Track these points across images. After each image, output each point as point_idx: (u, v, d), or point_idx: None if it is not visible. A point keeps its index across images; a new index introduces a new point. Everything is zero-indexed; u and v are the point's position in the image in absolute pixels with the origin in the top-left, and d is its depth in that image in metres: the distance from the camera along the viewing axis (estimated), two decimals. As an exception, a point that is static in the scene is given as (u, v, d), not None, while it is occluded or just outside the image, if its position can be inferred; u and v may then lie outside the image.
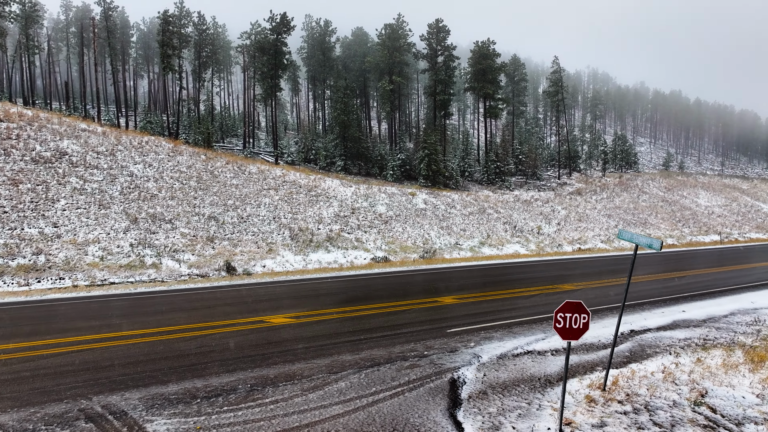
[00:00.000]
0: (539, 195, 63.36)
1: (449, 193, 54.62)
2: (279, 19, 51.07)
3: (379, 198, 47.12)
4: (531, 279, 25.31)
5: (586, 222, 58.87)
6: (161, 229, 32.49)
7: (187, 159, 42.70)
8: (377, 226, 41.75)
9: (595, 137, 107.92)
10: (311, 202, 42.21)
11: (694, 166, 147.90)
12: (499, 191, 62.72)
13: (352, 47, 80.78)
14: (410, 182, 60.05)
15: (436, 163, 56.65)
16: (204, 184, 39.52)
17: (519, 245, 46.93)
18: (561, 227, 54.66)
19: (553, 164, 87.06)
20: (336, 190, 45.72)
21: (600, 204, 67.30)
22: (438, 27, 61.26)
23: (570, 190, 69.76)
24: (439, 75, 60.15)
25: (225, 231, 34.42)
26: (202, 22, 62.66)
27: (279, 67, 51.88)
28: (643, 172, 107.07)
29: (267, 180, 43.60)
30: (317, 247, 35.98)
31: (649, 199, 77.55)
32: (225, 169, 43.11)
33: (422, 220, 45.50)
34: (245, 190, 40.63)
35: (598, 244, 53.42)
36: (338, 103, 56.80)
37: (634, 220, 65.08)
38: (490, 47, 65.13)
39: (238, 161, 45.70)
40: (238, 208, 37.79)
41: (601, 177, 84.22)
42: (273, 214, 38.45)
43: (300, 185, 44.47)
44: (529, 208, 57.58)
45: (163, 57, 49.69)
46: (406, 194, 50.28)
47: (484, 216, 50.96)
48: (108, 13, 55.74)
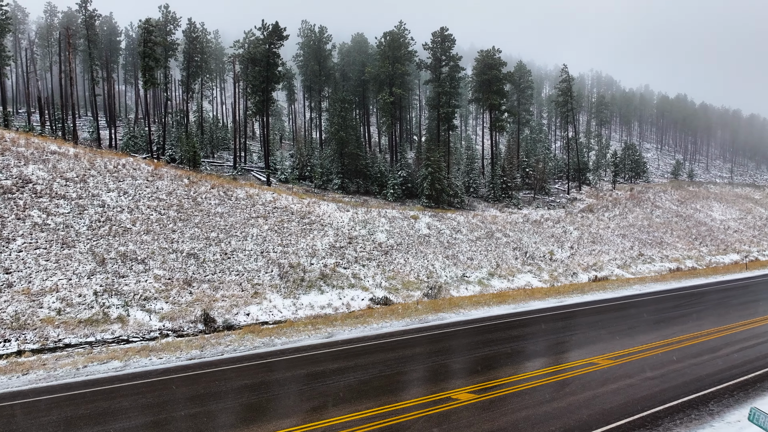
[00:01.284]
0: (549, 214, 59.60)
1: (454, 214, 50.87)
2: (271, 28, 47.27)
3: (379, 223, 43.37)
4: (548, 348, 21.51)
5: (600, 244, 55.14)
6: (132, 271, 28.73)
7: (167, 184, 38.93)
8: (377, 258, 38.00)
9: (603, 146, 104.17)
10: (304, 231, 38.44)
11: (702, 173, 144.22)
12: (506, 210, 58.96)
13: (351, 54, 77.02)
14: (412, 201, 56.30)
15: (440, 182, 52.90)
16: (185, 214, 35.74)
17: (531, 275, 43.23)
18: (574, 251, 50.91)
19: (560, 176, 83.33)
20: (332, 216, 41.97)
21: (613, 222, 63.56)
22: (443, 36, 57.49)
23: (581, 207, 66.00)
24: (443, 86, 56.37)
25: (205, 271, 30.66)
26: (193, 29, 58.82)
27: (271, 79, 48.08)
28: (653, 183, 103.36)
29: (256, 206, 39.83)
30: (309, 287, 32.23)
31: (663, 215, 73.84)
32: (209, 194, 39.34)
33: (426, 249, 41.75)
34: (231, 220, 36.86)
35: (615, 270, 49.71)
36: (335, 117, 53.03)
37: (650, 240, 61.35)
38: (496, 56, 61.37)
39: (225, 184, 41.94)
40: (222, 241, 34.02)
41: (612, 190, 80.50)
42: (261, 248, 34.69)
43: (292, 212, 40.71)
44: (539, 229, 53.83)
45: (144, 69, 45.82)
46: (407, 218, 46.53)
47: (492, 241, 47.22)
48: (90, 21, 51.89)
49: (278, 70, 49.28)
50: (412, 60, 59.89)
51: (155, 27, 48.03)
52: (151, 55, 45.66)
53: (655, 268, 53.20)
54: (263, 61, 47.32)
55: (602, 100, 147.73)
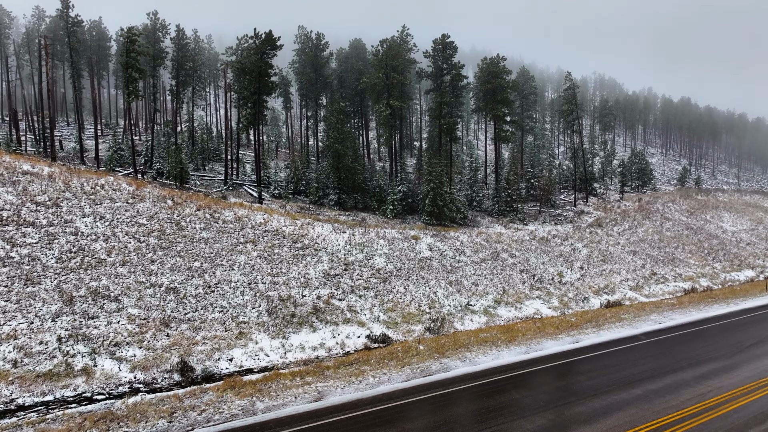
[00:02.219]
0: (557, 230, 56.83)
1: (457, 233, 48.10)
2: (264, 37, 44.50)
3: (377, 246, 40.61)
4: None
5: (611, 263, 52.37)
6: (103, 311, 25.97)
7: (149, 207, 36.17)
8: (374, 287, 35.23)
9: (608, 153, 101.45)
10: (296, 258, 35.67)
11: (709, 179, 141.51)
12: (511, 225, 56.20)
13: (349, 60, 74.29)
14: (413, 217, 53.55)
15: (442, 198, 50.14)
16: (167, 241, 32.98)
17: (540, 301, 40.46)
18: (584, 272, 48.15)
19: (566, 186, 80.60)
20: (327, 239, 39.20)
21: (623, 237, 60.78)
22: (444, 43, 54.71)
23: (589, 221, 63.24)
24: (444, 97, 53.58)
25: (186, 308, 27.89)
26: (182, 36, 56.00)
27: (263, 90, 45.32)
28: (660, 191, 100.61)
29: (245, 230, 37.06)
30: (300, 324, 29.46)
31: (673, 227, 71.07)
32: (194, 217, 36.57)
33: (428, 274, 38.98)
34: (217, 246, 34.10)
35: (627, 292, 46.94)
36: (332, 129, 50.28)
37: (662, 256, 58.58)
38: (500, 64, 58.57)
39: (212, 205, 39.18)
40: (206, 272, 31.26)
41: (620, 201, 77.76)
42: (248, 278, 31.93)
43: (284, 235, 37.94)
44: (546, 247, 51.07)
45: (127, 81, 42.98)
46: (408, 238, 43.77)
47: (497, 263, 44.45)
48: (72, 28, 48.93)
49: (271, 80, 46.48)
50: (412, 69, 57.16)
51: (139, 35, 45.24)
52: (134, 66, 42.83)
53: (668, 288, 50.43)
54: (255, 71, 44.57)
55: (606, 104, 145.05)
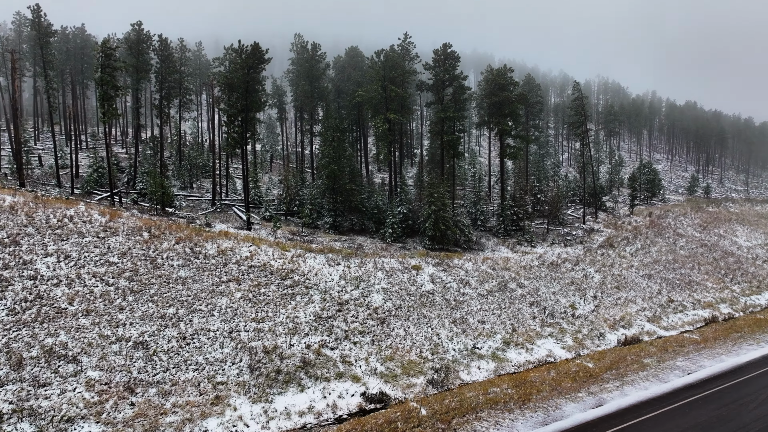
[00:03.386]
0: (567, 252, 53.42)
1: (461, 260, 44.71)
2: (249, 50, 41.10)
3: (375, 280, 37.20)
4: None
5: (625, 289, 48.98)
6: (58, 375, 22.59)
7: (122, 241, 32.77)
8: (371, 330, 31.84)
9: (616, 163, 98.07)
10: (285, 298, 32.27)
11: (717, 186, 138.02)
12: (519, 248, 52.79)
13: (345, 70, 70.91)
14: (413, 240, 50.15)
15: (445, 221, 46.76)
16: (139, 283, 29.59)
17: (552, 340, 37.05)
18: (598, 302, 44.75)
19: (573, 200, 77.20)
20: (319, 274, 35.78)
21: (636, 259, 57.36)
22: (446, 53, 51.31)
23: (599, 241, 59.82)
24: (447, 111, 50.16)
25: (155, 367, 24.49)
26: (165, 47, 52.50)
27: (252, 107, 41.95)
28: (669, 201, 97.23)
29: (228, 266, 33.65)
30: (287, 383, 26.05)
31: (687, 245, 67.68)
32: (173, 253, 33.17)
33: (430, 311, 35.58)
34: (196, 287, 30.70)
35: (645, 324, 43.54)
36: (327, 147, 46.89)
37: (678, 279, 55.18)
38: (507, 75, 55.15)
39: (194, 237, 35.77)
40: (182, 320, 27.87)
41: (629, 215, 74.34)
42: (229, 326, 28.54)
43: (272, 271, 34.53)
44: (557, 274, 47.67)
45: (102, 100, 39.43)
46: (408, 269, 40.37)
47: (505, 294, 41.04)
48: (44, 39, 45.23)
49: (260, 96, 43.10)
50: (412, 80, 53.79)
51: (116, 49, 41.80)
52: (110, 83, 39.37)
53: (687, 318, 47.02)
54: (241, 87, 41.22)
55: (611, 110, 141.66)
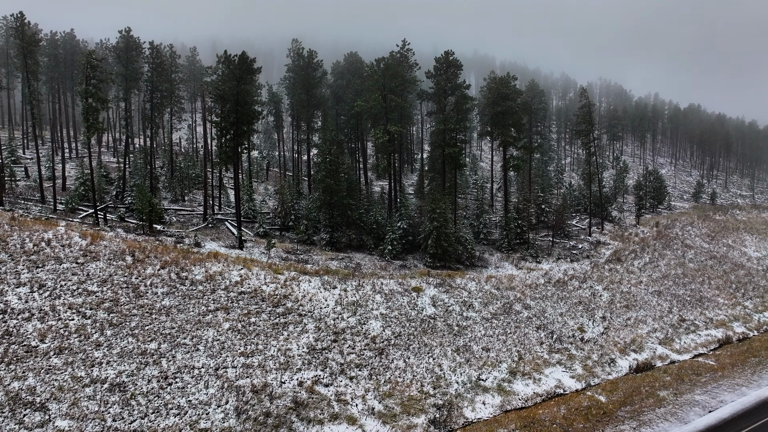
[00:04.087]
0: (573, 268, 51.38)
1: (463, 279, 42.67)
2: (237, 61, 39.00)
3: (373, 305, 35.15)
4: None
5: (635, 308, 46.94)
6: (22, 428, 20.56)
7: (103, 267, 30.73)
8: (369, 363, 29.80)
9: (621, 169, 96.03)
10: (276, 328, 30.22)
11: (722, 191, 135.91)
12: (523, 264, 50.74)
13: (344, 76, 68.85)
14: (414, 256, 48.13)
15: (447, 238, 44.72)
16: (119, 314, 27.55)
17: (561, 368, 35.00)
18: (607, 323, 42.71)
19: (578, 209, 75.16)
20: (314, 299, 33.74)
21: (644, 274, 55.31)
22: (447, 61, 49.27)
23: (607, 255, 57.77)
24: (448, 123, 48.09)
25: (132, 414, 22.45)
26: (156, 54, 50.41)
27: (243, 120, 39.89)
28: (675, 209, 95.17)
29: (217, 293, 31.60)
30: (276, 427, 24.01)
31: (696, 257, 65.63)
32: (157, 279, 31.13)
33: (432, 339, 33.54)
34: (181, 318, 28.66)
35: (657, 347, 41.50)
36: (324, 161, 44.81)
37: (688, 296, 53.12)
38: (511, 84, 53.10)
39: (181, 260, 33.72)
40: (164, 356, 25.83)
41: (636, 226, 72.30)
42: (216, 362, 26.50)
43: (263, 297, 32.48)
44: (563, 293, 45.63)
45: (87, 114, 37.28)
46: (408, 291, 38.33)
47: (510, 317, 39.00)
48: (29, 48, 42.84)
49: (253, 108, 41.01)
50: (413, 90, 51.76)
51: (101, 60, 39.71)
52: (95, 95, 37.28)
53: (701, 339, 44.99)
54: (232, 99, 39.18)
55: (615, 114, 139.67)
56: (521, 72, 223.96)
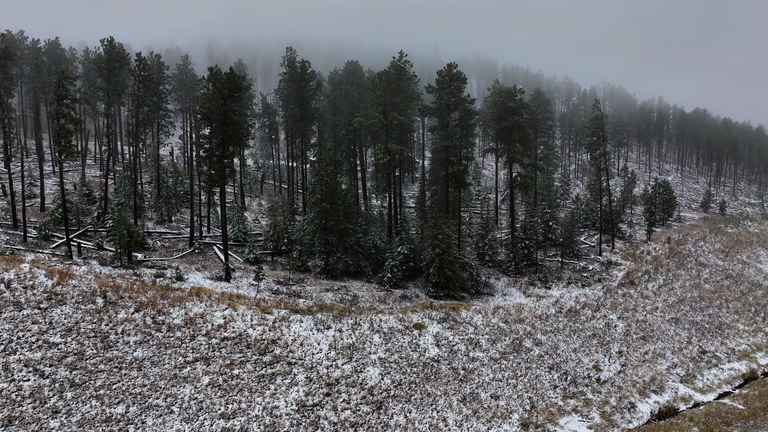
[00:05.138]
0: (585, 295, 48.24)
1: (469, 312, 39.53)
2: (224, 78, 35.87)
3: (371, 348, 32.02)
4: None
5: (652, 340, 43.83)
6: None
7: (70, 312, 27.60)
8: (366, 420, 26.66)
9: (629, 180, 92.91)
10: (262, 381, 27.08)
11: (730, 199, 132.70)
12: (532, 290, 47.60)
13: (343, 85, 65.73)
14: (415, 284, 45.03)
15: (451, 266, 41.62)
16: (84, 371, 24.41)
17: (578, 417, 31.88)
18: (624, 360, 39.57)
19: (586, 224, 72.02)
20: (305, 343, 30.60)
21: (660, 298, 52.19)
22: (450, 75, 46.14)
23: (619, 277, 54.63)
24: (452, 139, 44.95)
25: (89, 501, 19.30)
26: (143, 66, 47.20)
27: (230, 141, 36.80)
28: (685, 221, 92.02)
29: (197, 340, 28.46)
30: None
31: (711, 277, 62.52)
32: (131, 325, 27.99)
33: (435, 388, 30.40)
34: (154, 373, 25.51)
35: (679, 387, 38.39)
36: (320, 183, 41.65)
37: (707, 322, 50.03)
38: (517, 97, 49.92)
39: (158, 300, 30.58)
40: (132, 422, 22.69)
41: (647, 242, 69.17)
42: (191, 426, 23.36)
43: (249, 343, 29.35)
44: (576, 324, 42.51)
45: (58, 136, 34.09)
46: (409, 328, 35.20)
47: (520, 357, 35.86)
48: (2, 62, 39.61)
49: (241, 128, 37.88)
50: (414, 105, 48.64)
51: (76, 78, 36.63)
52: (67, 116, 34.18)
53: (724, 375, 41.92)
54: (218, 119, 36.10)
55: (620, 119, 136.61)
56: (524, 76, 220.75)
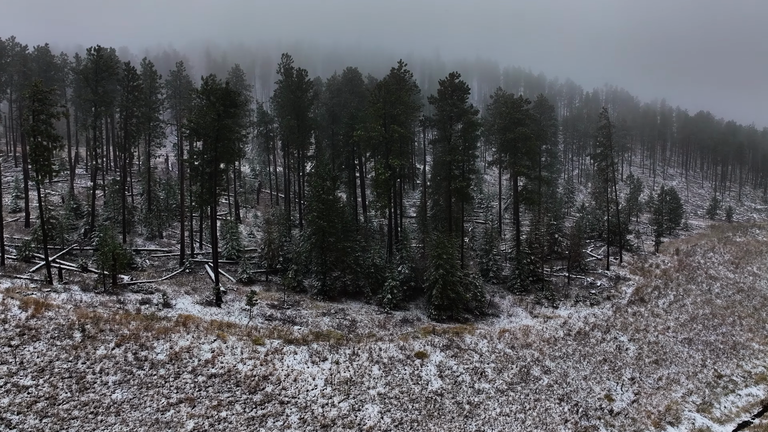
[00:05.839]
0: (594, 315, 46.20)
1: (474, 337, 37.50)
2: (220, 93, 33.72)
3: (370, 381, 29.97)
4: None
5: (666, 364, 41.79)
6: None
7: (44, 349, 25.57)
8: (364, 467, 24.60)
9: (635, 188, 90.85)
10: (252, 424, 25.02)
11: (736, 204, 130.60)
12: (538, 309, 45.55)
13: (342, 93, 63.66)
14: (416, 305, 43.00)
15: (453, 287, 39.60)
16: (55, 418, 22.37)
17: (590, 456, 29.79)
18: (637, 386, 37.53)
19: (592, 235, 69.98)
20: (299, 379, 28.54)
21: (671, 316, 50.18)
22: (453, 85, 44.08)
23: (629, 294, 52.59)
24: (455, 154, 42.91)
25: None
26: (132, 77, 45.11)
27: (222, 158, 34.82)
28: (692, 229, 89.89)
29: (182, 377, 26.41)
30: None
31: (722, 291, 60.50)
32: (110, 362, 25.95)
33: (438, 426, 28.36)
34: (134, 418, 23.47)
35: (696, 417, 36.33)
36: (316, 200, 39.62)
37: (720, 342, 48.01)
38: (524, 107, 47.87)
39: (141, 332, 28.55)
40: (107, 479, 20.63)
41: (655, 253, 67.12)
42: (173, 482, 21.29)
43: (239, 380, 27.29)
44: (586, 348, 40.46)
45: (34, 155, 31.96)
46: (411, 358, 33.16)
47: (529, 387, 33.80)
48: None
49: (234, 144, 35.89)
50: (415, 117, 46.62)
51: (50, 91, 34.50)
52: (44, 132, 32.06)
53: (742, 402, 39.90)
54: (211, 135, 34.09)
55: (624, 124, 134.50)
56: (525, 78, 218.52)
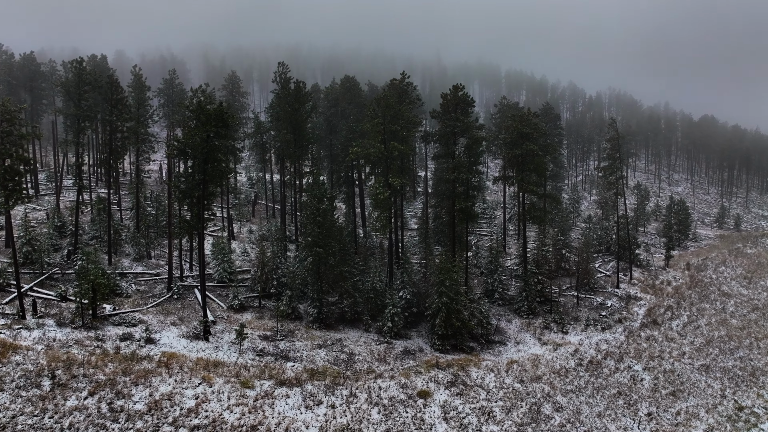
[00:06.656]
0: (606, 341, 43.82)
1: (480, 370, 35.10)
2: (212, 113, 31.28)
3: (369, 428, 27.54)
4: None
5: (683, 396, 39.34)
6: None
7: (7, 402, 23.14)
8: None
9: (642, 197, 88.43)
10: (237, 486, 22.59)
11: (743, 211, 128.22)
12: (547, 334, 43.15)
13: (340, 103, 61.35)
14: (418, 332, 40.61)
15: (458, 314, 37.19)
16: (16, 486, 19.94)
17: None
18: (655, 424, 35.09)
19: (600, 249, 67.58)
20: (291, 428, 26.10)
21: (686, 340, 47.80)
22: (456, 98, 41.70)
23: (641, 315, 50.20)
24: (459, 171, 40.53)
25: None
26: (115, 90, 42.71)
27: (212, 180, 32.41)
28: (701, 240, 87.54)
29: (162, 431, 23.96)
30: None
31: (737, 310, 58.10)
32: (81, 415, 23.52)
33: (443, 479, 25.91)
34: (105, 483, 21.04)
35: (718, 458, 33.89)
36: (312, 222, 37.22)
37: (739, 368, 45.58)
38: (532, 121, 45.47)
39: (119, 377, 26.15)
40: None
41: (665, 269, 64.74)
42: None
43: (224, 430, 24.85)
44: (599, 379, 38.04)
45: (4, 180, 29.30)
46: (413, 397, 30.75)
47: (539, 429, 31.35)
48: None
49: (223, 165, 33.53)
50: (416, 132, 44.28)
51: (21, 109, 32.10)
52: (14, 154, 29.63)
53: (765, 437, 37.37)
54: (199, 156, 31.76)
55: (628, 129, 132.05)
56: (528, 81, 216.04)
